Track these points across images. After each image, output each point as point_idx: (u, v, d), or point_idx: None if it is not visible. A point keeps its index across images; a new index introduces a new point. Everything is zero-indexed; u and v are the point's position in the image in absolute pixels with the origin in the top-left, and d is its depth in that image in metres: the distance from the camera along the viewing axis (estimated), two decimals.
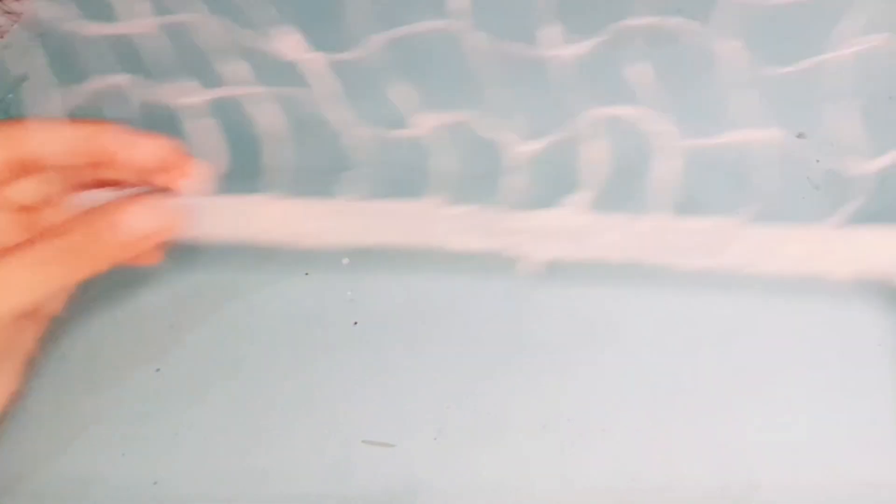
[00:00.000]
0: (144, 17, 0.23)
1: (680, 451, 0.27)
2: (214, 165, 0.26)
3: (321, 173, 0.25)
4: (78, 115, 0.25)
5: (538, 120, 0.25)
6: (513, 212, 0.26)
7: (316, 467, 0.28)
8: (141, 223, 0.25)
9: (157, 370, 0.30)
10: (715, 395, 0.28)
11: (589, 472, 0.27)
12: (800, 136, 0.33)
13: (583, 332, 0.30)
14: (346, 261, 0.32)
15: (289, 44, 0.23)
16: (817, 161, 0.31)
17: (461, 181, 0.26)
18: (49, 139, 0.25)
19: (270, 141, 0.25)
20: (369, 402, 0.29)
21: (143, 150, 0.25)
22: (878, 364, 0.28)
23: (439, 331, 0.30)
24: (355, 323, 0.31)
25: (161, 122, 0.25)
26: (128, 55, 0.24)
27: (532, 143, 0.25)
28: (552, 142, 0.25)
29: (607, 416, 0.28)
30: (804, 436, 0.27)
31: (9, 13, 0.57)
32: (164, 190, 0.26)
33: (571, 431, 0.28)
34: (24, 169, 0.25)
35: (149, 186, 0.26)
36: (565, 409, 0.28)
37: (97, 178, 0.26)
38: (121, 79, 0.24)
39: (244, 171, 0.25)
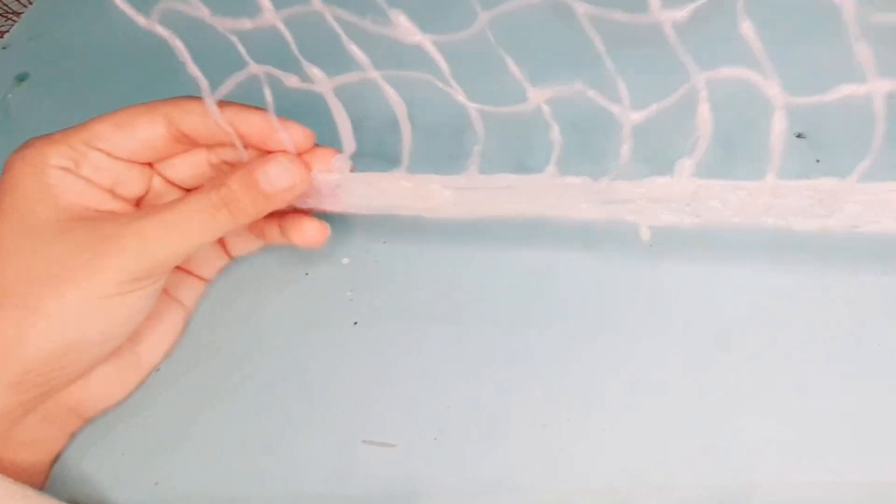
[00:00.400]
0: (273, 12, 0.25)
1: (680, 451, 0.27)
2: (346, 146, 0.28)
3: (442, 150, 0.29)
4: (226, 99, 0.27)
5: (645, 88, 0.26)
6: (624, 180, 0.27)
7: (316, 467, 0.28)
8: (278, 177, 0.28)
9: (157, 370, 0.30)
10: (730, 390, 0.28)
11: (589, 472, 0.27)
12: (799, 136, 0.33)
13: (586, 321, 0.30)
14: (345, 260, 0.33)
15: (402, 28, 0.24)
16: None
17: (574, 152, 0.27)
18: (202, 120, 0.28)
19: (394, 121, 0.27)
20: (369, 402, 0.29)
21: (278, 140, 0.28)
22: None
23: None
24: (355, 323, 0.31)
25: (299, 107, 0.27)
26: (266, 47, 0.26)
27: (641, 110, 0.26)
28: (661, 109, 0.26)
29: (607, 416, 0.28)
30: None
31: (8, 13, 0.57)
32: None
33: (571, 431, 0.28)
34: (183, 144, 0.28)
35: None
36: (565, 409, 0.28)
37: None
38: (259, 68, 0.26)
39: (373, 150, 0.29)
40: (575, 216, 0.29)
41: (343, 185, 0.29)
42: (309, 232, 0.30)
